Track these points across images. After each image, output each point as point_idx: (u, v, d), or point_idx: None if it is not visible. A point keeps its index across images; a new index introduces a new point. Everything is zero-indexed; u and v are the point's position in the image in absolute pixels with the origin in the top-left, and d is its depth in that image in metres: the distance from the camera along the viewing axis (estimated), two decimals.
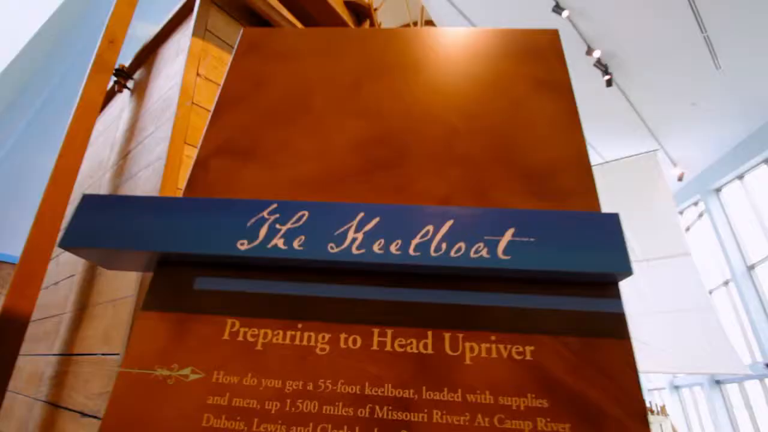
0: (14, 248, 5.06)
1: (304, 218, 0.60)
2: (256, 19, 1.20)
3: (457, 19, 9.15)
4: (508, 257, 0.56)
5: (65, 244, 0.62)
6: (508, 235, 0.58)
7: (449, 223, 0.59)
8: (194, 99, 0.96)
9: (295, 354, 0.55)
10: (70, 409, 0.89)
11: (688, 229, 15.50)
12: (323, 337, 0.56)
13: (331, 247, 0.58)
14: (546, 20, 8.68)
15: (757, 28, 7.64)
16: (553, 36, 0.87)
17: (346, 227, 0.59)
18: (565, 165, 0.69)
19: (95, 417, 0.77)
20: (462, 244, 0.57)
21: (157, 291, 0.61)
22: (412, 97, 0.79)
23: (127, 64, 1.47)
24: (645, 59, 9.32)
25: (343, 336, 0.57)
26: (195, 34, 1.04)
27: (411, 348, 0.55)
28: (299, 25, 1.30)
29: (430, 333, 0.56)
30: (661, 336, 9.97)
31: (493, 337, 0.55)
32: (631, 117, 11.46)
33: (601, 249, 0.57)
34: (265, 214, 0.61)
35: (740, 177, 11.53)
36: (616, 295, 0.59)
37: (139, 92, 1.36)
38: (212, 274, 0.62)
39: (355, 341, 0.56)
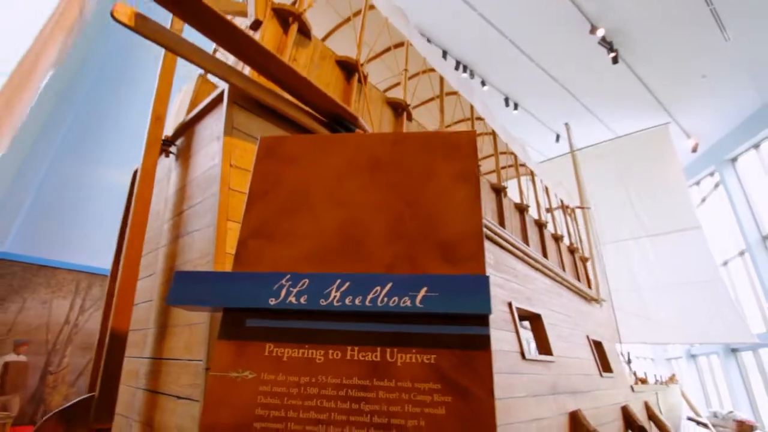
0: (68, 255, 5.76)
1: (306, 284, 1.04)
2: (266, 109, 1.60)
3: (464, 9, 9.22)
4: (422, 305, 0.99)
5: (170, 303, 1.08)
6: (423, 291, 1.00)
7: (389, 285, 1.02)
8: (231, 185, 1.39)
9: (304, 362, 1.00)
10: (167, 394, 1.38)
11: (704, 199, 15.35)
12: (320, 352, 1.01)
13: (322, 302, 1.02)
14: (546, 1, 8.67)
15: None
16: (470, 136, 1.26)
17: (329, 289, 1.03)
18: (466, 238, 1.10)
19: (189, 399, 1.24)
20: (396, 298, 1.00)
21: (225, 327, 1.06)
22: (373, 189, 1.21)
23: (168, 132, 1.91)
24: (650, 34, 9.21)
25: (330, 351, 1.01)
26: (226, 133, 1.46)
27: (368, 357, 0.99)
28: (299, 103, 1.69)
29: (378, 349, 1.00)
30: (671, 308, 10.22)
31: (414, 350, 0.99)
32: (641, 92, 11.36)
33: (474, 298, 0.99)
34: (283, 281, 1.05)
35: (756, 146, 11.36)
36: (485, 323, 1.01)
37: (183, 159, 1.80)
38: (256, 317, 1.06)
39: (337, 354, 1.00)
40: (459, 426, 0.90)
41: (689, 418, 10.57)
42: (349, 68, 2.25)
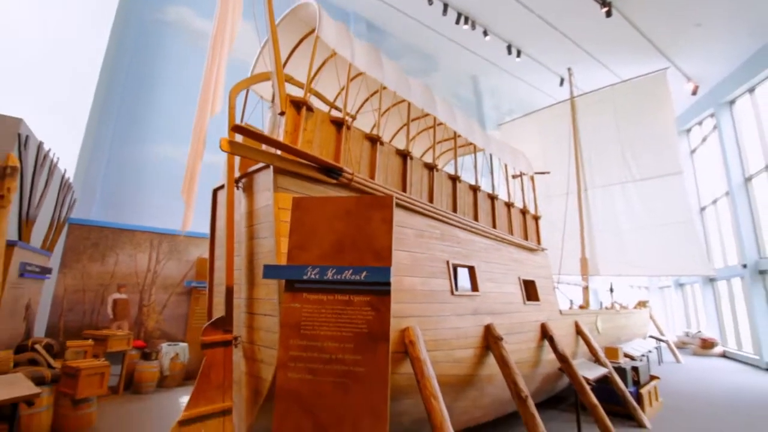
0: (138, 219, 7.77)
1: (317, 270, 2.56)
2: (292, 172, 2.98)
3: None
4: (365, 278, 2.50)
5: (265, 277, 2.64)
6: (365, 273, 2.51)
7: (351, 270, 2.53)
8: (279, 217, 2.82)
9: (318, 301, 2.56)
10: (258, 314, 2.99)
11: (704, 139, 15.75)
12: (324, 296, 2.56)
13: (324, 277, 2.55)
14: None
15: None
16: (389, 198, 2.67)
17: (327, 272, 2.55)
18: (383, 249, 2.57)
19: (270, 315, 2.83)
20: (355, 276, 2.52)
21: (287, 286, 2.62)
22: (345, 225, 2.67)
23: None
24: None
25: (328, 296, 2.56)
26: (274, 190, 2.87)
27: (343, 298, 2.54)
28: (309, 163, 3.06)
29: (347, 295, 2.54)
30: (647, 246, 11.53)
31: (361, 296, 2.52)
32: (640, 40, 11.58)
33: (384, 275, 2.48)
34: (308, 269, 2.58)
35: (751, 90, 11.69)
36: (388, 285, 2.51)
37: (248, 194, 3.25)
38: (298, 282, 2.61)
39: (331, 297, 2.55)
40: (377, 322, 2.45)
41: (651, 336, 12.45)
42: (339, 123, 3.53)
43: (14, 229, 4.60)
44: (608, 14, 10.08)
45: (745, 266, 11.90)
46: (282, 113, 3.16)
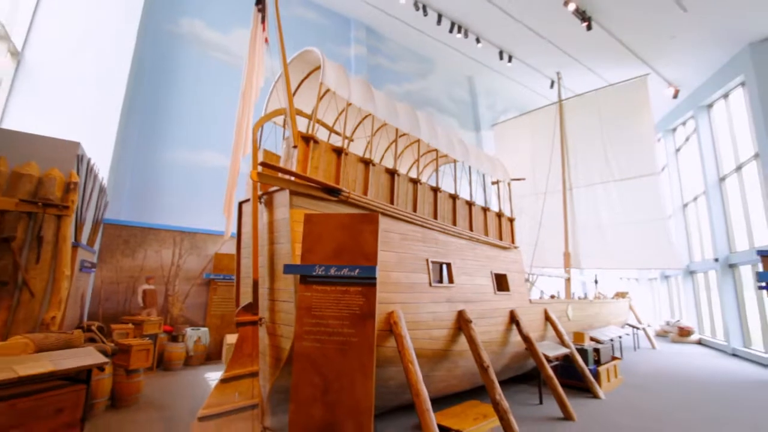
0: (161, 219, 8.96)
1: (323, 268, 3.54)
2: (303, 193, 3.91)
3: None
4: (357, 275, 3.47)
5: (285, 272, 3.61)
6: (357, 270, 3.48)
7: (347, 268, 3.50)
8: (293, 228, 3.75)
9: (323, 290, 3.54)
10: (279, 300, 3.97)
11: (687, 138, 16.55)
12: (328, 287, 3.54)
13: (328, 273, 3.52)
14: None
15: None
16: (375, 215, 3.63)
17: (330, 269, 3.53)
18: (371, 252, 3.54)
19: (288, 302, 3.78)
20: (351, 273, 3.49)
21: (302, 279, 3.59)
22: (341, 235, 3.64)
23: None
24: (619, 6, 10.17)
25: (331, 287, 3.53)
26: (290, 208, 3.80)
27: (342, 288, 3.51)
28: (315, 185, 4.01)
29: (345, 286, 3.51)
30: (625, 242, 12.45)
31: (355, 287, 3.50)
32: (623, 48, 12.35)
33: (371, 272, 3.45)
34: (317, 267, 3.55)
35: (725, 96, 12.50)
36: (374, 279, 3.48)
37: (269, 209, 4.21)
38: (310, 277, 3.59)
39: (333, 288, 3.53)
40: (366, 305, 3.43)
41: (628, 324, 13.45)
42: (338, 151, 4.46)
43: (71, 231, 5.58)
44: (588, 28, 10.86)
45: (717, 260, 12.82)
46: (295, 146, 4.10)
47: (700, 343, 14.46)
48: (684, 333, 14.79)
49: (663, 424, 5.23)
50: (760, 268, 7.44)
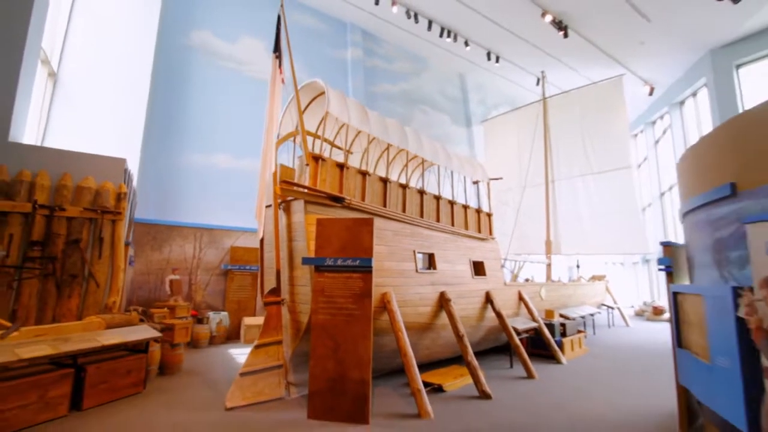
0: (183, 217, 10.29)
1: (332, 260, 4.71)
2: (315, 202, 5.01)
3: None
4: (356, 264, 4.64)
5: (304, 264, 4.79)
6: (357, 261, 4.65)
7: (350, 259, 4.67)
8: (307, 230, 4.85)
9: (332, 277, 4.71)
10: (297, 285, 5.14)
11: (664, 131, 17.64)
12: (336, 275, 4.71)
13: (336, 264, 4.69)
14: None
15: None
16: (370, 220, 4.79)
17: (337, 260, 4.70)
18: (368, 246, 4.71)
19: (305, 286, 4.94)
20: (353, 263, 4.66)
21: (316, 269, 4.77)
22: (345, 235, 4.81)
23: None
24: (591, 18, 11.15)
25: (338, 275, 4.70)
26: (305, 213, 4.90)
27: (347, 275, 4.68)
28: (323, 194, 5.10)
29: (350, 273, 4.68)
30: (601, 229, 13.65)
31: (356, 273, 4.67)
32: (599, 52, 13.33)
33: (368, 262, 4.62)
34: (327, 259, 4.72)
35: (694, 94, 13.55)
36: (370, 268, 4.66)
37: (287, 213, 5.32)
38: (323, 266, 4.76)
39: (340, 275, 4.70)
40: (365, 287, 4.61)
41: (603, 304, 14.76)
42: (341, 165, 5.58)
43: (124, 232, 6.73)
44: (565, 35, 11.85)
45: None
46: (307, 164, 5.23)
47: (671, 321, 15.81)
48: (657, 312, 16.14)
49: (607, 378, 6.50)
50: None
